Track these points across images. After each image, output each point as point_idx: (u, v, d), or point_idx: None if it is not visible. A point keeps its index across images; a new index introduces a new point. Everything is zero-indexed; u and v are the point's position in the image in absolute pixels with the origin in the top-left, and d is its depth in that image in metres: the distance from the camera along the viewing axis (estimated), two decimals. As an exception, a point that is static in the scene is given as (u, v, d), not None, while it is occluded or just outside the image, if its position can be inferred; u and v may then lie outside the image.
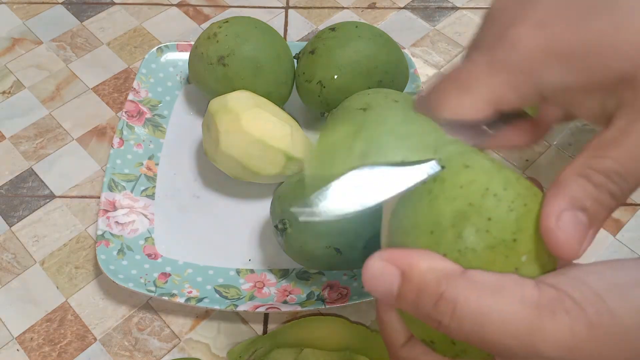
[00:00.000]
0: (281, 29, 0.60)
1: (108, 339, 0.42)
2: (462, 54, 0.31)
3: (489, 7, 0.25)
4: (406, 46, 0.59)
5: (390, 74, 0.47)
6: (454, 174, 0.21)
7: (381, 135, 0.23)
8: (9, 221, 0.47)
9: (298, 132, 0.45)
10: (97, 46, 0.59)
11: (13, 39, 0.59)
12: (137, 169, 0.48)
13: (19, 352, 0.41)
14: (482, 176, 0.21)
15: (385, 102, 0.43)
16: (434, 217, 0.21)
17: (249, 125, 0.43)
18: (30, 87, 0.55)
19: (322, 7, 0.62)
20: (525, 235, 0.21)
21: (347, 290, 0.42)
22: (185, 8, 0.62)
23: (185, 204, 0.47)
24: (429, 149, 0.22)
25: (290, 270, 0.44)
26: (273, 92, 0.48)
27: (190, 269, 0.44)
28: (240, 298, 0.42)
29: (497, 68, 0.22)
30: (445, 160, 0.22)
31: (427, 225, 0.21)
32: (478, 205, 0.21)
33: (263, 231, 0.46)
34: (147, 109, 0.52)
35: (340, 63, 0.45)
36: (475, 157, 0.22)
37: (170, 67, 0.54)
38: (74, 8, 0.62)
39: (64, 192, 0.49)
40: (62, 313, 0.43)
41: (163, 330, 0.42)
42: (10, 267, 0.45)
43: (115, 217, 0.45)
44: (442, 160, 0.22)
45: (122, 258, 0.43)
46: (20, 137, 0.52)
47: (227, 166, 0.44)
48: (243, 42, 0.46)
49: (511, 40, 0.22)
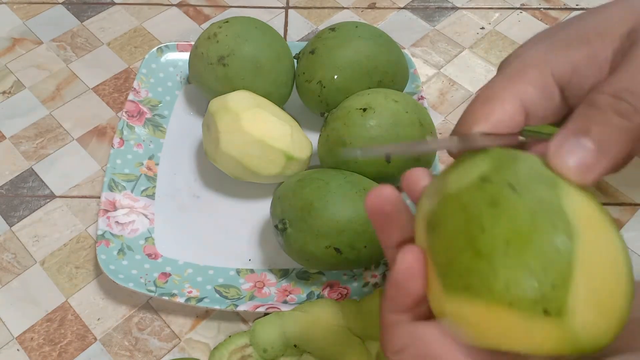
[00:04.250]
0: (281, 29, 0.60)
1: (108, 338, 0.42)
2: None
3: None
4: (406, 46, 0.59)
5: (390, 74, 0.47)
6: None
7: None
8: (9, 221, 0.47)
9: (298, 132, 0.45)
10: (97, 46, 0.59)
11: (13, 39, 0.59)
12: (137, 169, 0.48)
13: (19, 352, 0.41)
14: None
15: (386, 102, 0.43)
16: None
17: (249, 125, 0.43)
18: (31, 87, 0.55)
19: (322, 7, 0.62)
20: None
21: (347, 290, 0.42)
22: (185, 8, 0.62)
23: (185, 204, 0.47)
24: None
25: (290, 270, 0.44)
26: (273, 92, 0.48)
27: (191, 268, 0.44)
28: (240, 298, 0.42)
29: (512, 74, 0.24)
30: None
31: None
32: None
33: (263, 231, 0.46)
34: (147, 109, 0.52)
35: (340, 63, 0.45)
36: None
37: (171, 67, 0.54)
38: (74, 8, 0.62)
39: (64, 192, 0.49)
40: (63, 313, 0.43)
41: (163, 330, 0.42)
42: (10, 267, 0.45)
43: (115, 217, 0.45)
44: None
45: (123, 258, 0.43)
46: (21, 137, 0.52)
47: (227, 166, 0.44)
48: (243, 42, 0.46)
49: (519, 55, 0.25)
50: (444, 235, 0.21)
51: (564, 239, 0.19)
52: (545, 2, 0.63)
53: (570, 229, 0.19)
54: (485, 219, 0.20)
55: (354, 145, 0.42)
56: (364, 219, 0.39)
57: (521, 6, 0.63)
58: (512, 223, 0.19)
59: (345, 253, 0.39)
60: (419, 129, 0.43)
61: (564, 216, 0.20)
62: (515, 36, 0.60)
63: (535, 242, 0.19)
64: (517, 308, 0.19)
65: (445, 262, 0.21)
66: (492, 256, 0.19)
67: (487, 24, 0.61)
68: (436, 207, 0.22)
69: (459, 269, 0.20)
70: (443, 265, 0.21)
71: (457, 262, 0.20)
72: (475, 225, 0.20)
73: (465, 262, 0.20)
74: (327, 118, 0.45)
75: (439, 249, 0.21)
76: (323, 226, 0.38)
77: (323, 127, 0.45)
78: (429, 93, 0.55)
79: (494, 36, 0.60)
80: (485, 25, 0.61)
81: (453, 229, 0.21)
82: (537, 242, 0.19)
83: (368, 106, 0.42)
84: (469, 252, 0.20)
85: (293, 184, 0.41)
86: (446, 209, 0.21)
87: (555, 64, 0.24)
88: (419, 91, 0.51)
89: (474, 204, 0.20)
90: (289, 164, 0.44)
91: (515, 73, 0.24)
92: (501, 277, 0.19)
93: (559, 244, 0.19)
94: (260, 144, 0.43)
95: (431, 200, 0.23)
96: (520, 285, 0.19)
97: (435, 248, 0.21)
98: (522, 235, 0.19)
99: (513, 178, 0.20)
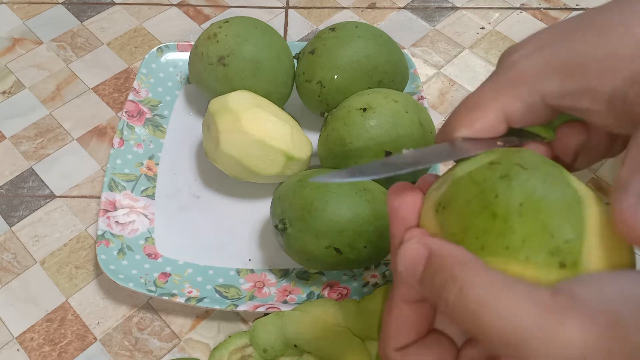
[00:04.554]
0: (281, 29, 0.60)
1: (108, 338, 0.42)
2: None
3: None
4: (406, 46, 0.59)
5: (390, 74, 0.47)
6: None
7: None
8: (9, 221, 0.47)
9: (298, 132, 0.45)
10: (97, 46, 0.59)
11: (13, 39, 0.59)
12: (137, 169, 0.48)
13: (19, 352, 0.41)
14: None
15: (386, 102, 0.43)
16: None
17: (249, 125, 0.43)
18: (31, 87, 0.55)
19: (322, 7, 0.62)
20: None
21: (347, 290, 0.42)
22: (185, 8, 0.62)
23: (185, 204, 0.47)
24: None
25: (290, 270, 0.44)
26: (273, 92, 0.48)
27: (191, 268, 0.44)
28: (240, 298, 0.42)
29: (501, 84, 0.25)
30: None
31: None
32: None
33: (263, 231, 0.46)
34: (148, 109, 0.52)
35: (340, 63, 0.45)
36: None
37: (171, 67, 0.54)
38: (74, 8, 0.62)
39: (64, 192, 0.49)
40: (63, 313, 0.43)
41: (163, 330, 0.42)
42: (10, 267, 0.45)
43: (115, 217, 0.45)
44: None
45: (123, 258, 0.43)
46: (21, 137, 0.52)
47: (227, 166, 0.44)
48: (243, 42, 0.46)
49: (512, 63, 0.25)
50: (457, 208, 0.22)
51: (574, 200, 0.21)
52: (545, 2, 0.63)
53: (578, 195, 0.21)
54: (498, 187, 0.21)
55: (353, 144, 0.42)
56: (364, 219, 0.39)
57: (521, 6, 0.63)
58: (524, 188, 0.21)
59: (345, 253, 0.39)
60: (419, 129, 0.43)
61: (571, 185, 0.21)
62: (515, 36, 0.60)
63: (547, 203, 0.20)
64: (534, 262, 0.20)
65: (459, 230, 0.21)
66: (508, 216, 0.20)
67: (487, 24, 0.61)
68: (446, 190, 0.23)
69: (474, 232, 0.21)
70: (457, 233, 0.21)
71: (473, 226, 0.21)
72: (489, 192, 0.21)
73: (480, 225, 0.21)
74: (327, 118, 0.45)
75: (452, 221, 0.22)
76: (323, 226, 0.38)
77: (323, 127, 0.45)
78: (429, 93, 0.55)
79: (494, 36, 0.60)
80: (485, 25, 0.61)
81: (466, 200, 0.21)
82: (549, 203, 0.20)
83: (368, 106, 0.42)
84: (484, 215, 0.21)
85: (293, 184, 0.41)
86: (457, 187, 0.22)
87: (548, 87, 0.24)
88: (419, 91, 0.51)
89: (486, 178, 0.21)
90: (289, 164, 0.44)
91: (505, 84, 0.24)
92: (518, 233, 0.20)
93: (571, 204, 0.20)
94: (260, 144, 0.43)
95: (438, 190, 0.23)
96: (536, 241, 0.20)
97: (447, 222, 0.22)
98: (534, 197, 0.20)
99: (521, 161, 0.22)
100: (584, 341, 0.18)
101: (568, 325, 0.18)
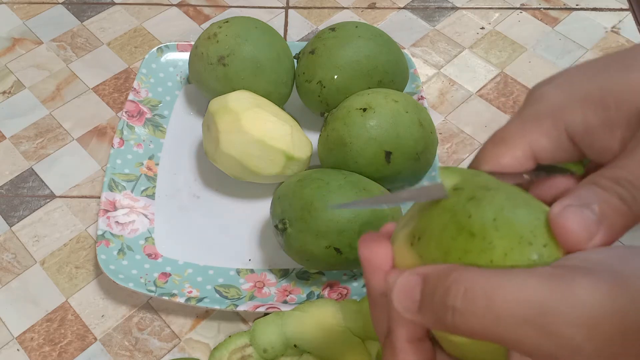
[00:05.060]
0: (281, 29, 0.60)
1: (108, 338, 0.42)
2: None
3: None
4: (406, 46, 0.59)
5: (390, 74, 0.47)
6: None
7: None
8: (9, 221, 0.47)
9: (298, 132, 0.45)
10: (97, 46, 0.59)
11: (13, 39, 0.59)
12: (137, 169, 0.48)
13: (19, 352, 0.41)
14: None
15: (386, 102, 0.43)
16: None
17: (249, 125, 0.43)
18: (31, 87, 0.55)
19: (322, 7, 0.62)
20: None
21: (347, 290, 0.42)
22: (185, 8, 0.62)
23: (185, 204, 0.47)
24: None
25: (290, 270, 0.44)
26: (273, 92, 0.48)
27: (191, 268, 0.44)
28: (240, 298, 0.42)
29: (527, 118, 0.25)
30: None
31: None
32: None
33: (263, 231, 0.46)
34: (148, 109, 0.52)
35: (340, 63, 0.45)
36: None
37: (171, 67, 0.54)
38: (74, 8, 0.62)
39: (64, 192, 0.49)
40: (63, 313, 0.43)
41: (163, 330, 0.42)
42: (10, 267, 0.45)
43: (115, 217, 0.45)
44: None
45: (123, 258, 0.43)
46: (21, 137, 0.52)
47: (227, 166, 0.44)
48: (243, 42, 0.46)
49: (538, 97, 0.26)
50: (433, 235, 0.22)
51: (540, 210, 0.22)
52: (545, 2, 0.63)
53: (542, 207, 0.22)
54: (469, 208, 0.22)
55: (354, 144, 0.42)
56: (364, 219, 0.39)
57: (521, 6, 0.63)
58: (493, 205, 0.21)
59: (345, 253, 0.39)
60: (419, 129, 0.43)
61: (534, 199, 0.23)
62: (515, 36, 0.60)
63: (518, 214, 0.21)
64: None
65: (440, 255, 0.22)
66: (485, 232, 0.21)
67: (487, 24, 0.61)
68: (417, 222, 0.23)
69: (456, 254, 0.21)
70: (438, 259, 0.22)
71: (453, 249, 0.21)
72: (462, 214, 0.22)
73: (460, 246, 0.21)
74: (327, 118, 0.45)
75: (431, 248, 0.22)
76: (323, 226, 0.38)
77: (323, 127, 0.45)
78: (429, 93, 0.55)
79: (494, 36, 0.60)
80: (485, 25, 0.61)
81: (441, 226, 0.22)
82: (520, 214, 0.21)
83: (368, 106, 0.42)
84: (462, 236, 0.21)
85: (293, 184, 0.41)
86: (428, 217, 0.23)
87: (571, 119, 0.24)
88: (419, 91, 0.51)
89: (455, 203, 0.22)
90: (289, 164, 0.44)
91: (532, 119, 0.25)
92: (498, 247, 0.21)
93: (539, 213, 0.22)
94: (260, 144, 0.43)
95: (407, 226, 0.24)
96: (516, 251, 0.21)
97: (426, 251, 0.22)
98: (505, 212, 0.21)
99: (483, 183, 0.23)
100: (598, 291, 0.18)
101: (578, 284, 0.19)
